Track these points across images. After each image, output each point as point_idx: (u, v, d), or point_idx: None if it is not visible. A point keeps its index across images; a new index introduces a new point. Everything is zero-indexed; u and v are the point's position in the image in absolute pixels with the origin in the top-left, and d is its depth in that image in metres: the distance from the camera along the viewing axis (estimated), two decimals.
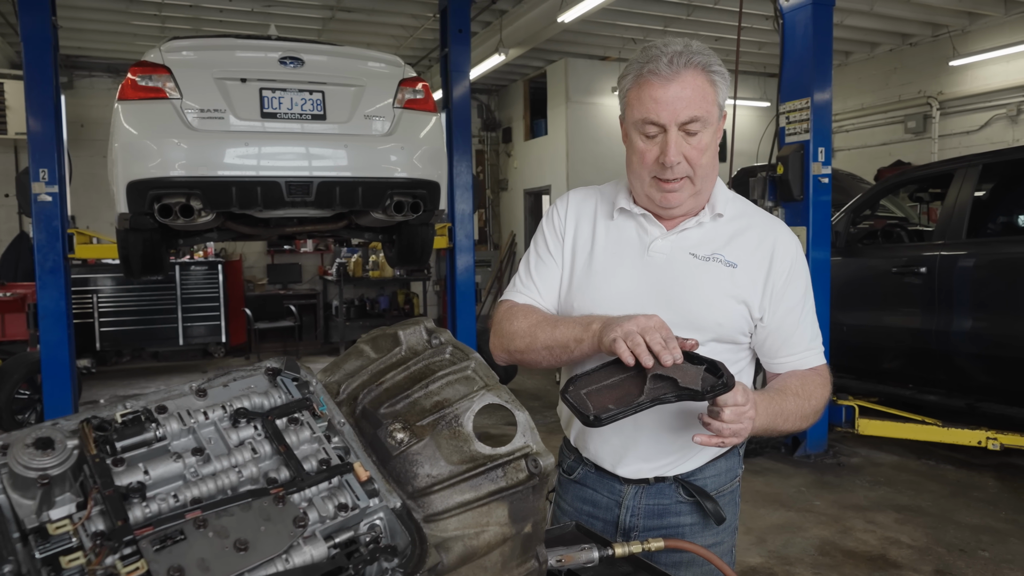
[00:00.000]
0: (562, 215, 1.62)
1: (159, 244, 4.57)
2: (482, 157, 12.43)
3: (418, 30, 8.93)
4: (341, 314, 10.27)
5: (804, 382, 1.49)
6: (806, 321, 1.53)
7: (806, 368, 1.53)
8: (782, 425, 1.42)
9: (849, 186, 7.02)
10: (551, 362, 1.49)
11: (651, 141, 1.42)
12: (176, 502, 0.82)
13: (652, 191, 1.46)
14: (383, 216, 4.43)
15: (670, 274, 1.49)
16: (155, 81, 3.95)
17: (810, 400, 1.47)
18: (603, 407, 1.22)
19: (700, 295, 1.47)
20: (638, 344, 1.23)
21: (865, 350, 5.55)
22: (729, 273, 1.47)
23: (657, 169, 1.42)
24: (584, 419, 1.22)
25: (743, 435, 1.28)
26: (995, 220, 5.46)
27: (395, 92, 4.37)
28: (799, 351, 1.53)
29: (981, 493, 4.52)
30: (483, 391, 1.06)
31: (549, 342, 1.43)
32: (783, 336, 1.51)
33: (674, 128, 1.38)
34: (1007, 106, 9.00)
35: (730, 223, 1.52)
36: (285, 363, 1.03)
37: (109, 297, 9.51)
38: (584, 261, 1.55)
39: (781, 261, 1.49)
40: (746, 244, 1.50)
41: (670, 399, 1.22)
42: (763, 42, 9.54)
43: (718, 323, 1.47)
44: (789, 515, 4.24)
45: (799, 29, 5.22)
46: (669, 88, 1.37)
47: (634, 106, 1.42)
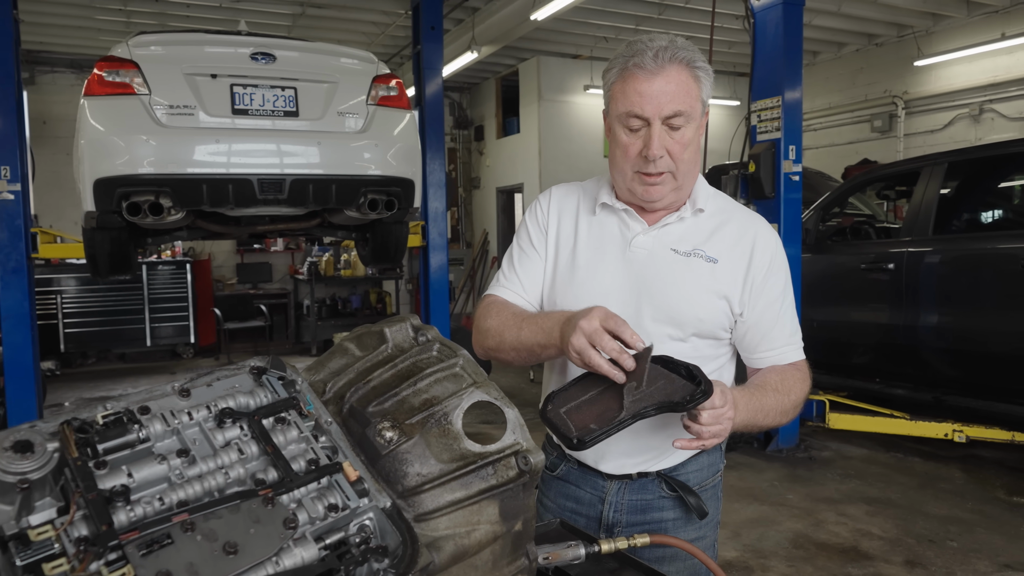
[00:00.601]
0: (545, 209, 1.61)
1: (127, 243, 4.47)
2: (454, 155, 12.39)
3: (389, 27, 8.86)
4: (313, 313, 10.18)
5: (784, 377, 1.50)
6: (786, 316, 1.55)
7: (786, 363, 1.54)
8: (762, 421, 1.42)
9: (818, 184, 7.13)
10: (522, 361, 1.49)
11: (634, 135, 1.42)
12: (162, 505, 0.79)
13: (634, 185, 1.46)
14: (357, 214, 4.39)
15: (652, 270, 1.49)
16: (122, 76, 3.87)
17: (790, 395, 1.48)
18: (585, 428, 1.23)
19: (681, 291, 1.47)
20: (599, 365, 1.23)
21: (835, 345, 5.63)
22: (710, 269, 1.48)
23: (640, 163, 1.42)
24: (568, 443, 1.24)
25: (723, 436, 1.29)
26: (960, 217, 5.58)
27: (368, 89, 4.33)
28: (778, 346, 1.54)
29: (948, 484, 4.62)
30: (472, 388, 1.05)
31: (515, 343, 1.44)
32: (762, 331, 1.52)
33: (657, 122, 1.38)
34: (970, 106, 9.21)
35: (711, 218, 1.53)
36: (270, 362, 1.01)
37: (73, 298, 9.31)
38: (567, 257, 1.55)
39: (761, 256, 1.50)
40: (726, 239, 1.50)
41: (651, 413, 1.23)
42: (733, 41, 9.62)
43: (699, 319, 1.47)
44: (763, 509, 4.29)
45: (770, 28, 5.28)
46: (654, 82, 1.37)
47: (618, 99, 1.42)
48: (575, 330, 1.25)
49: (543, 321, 1.39)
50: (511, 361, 1.48)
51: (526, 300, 1.55)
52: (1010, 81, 8.73)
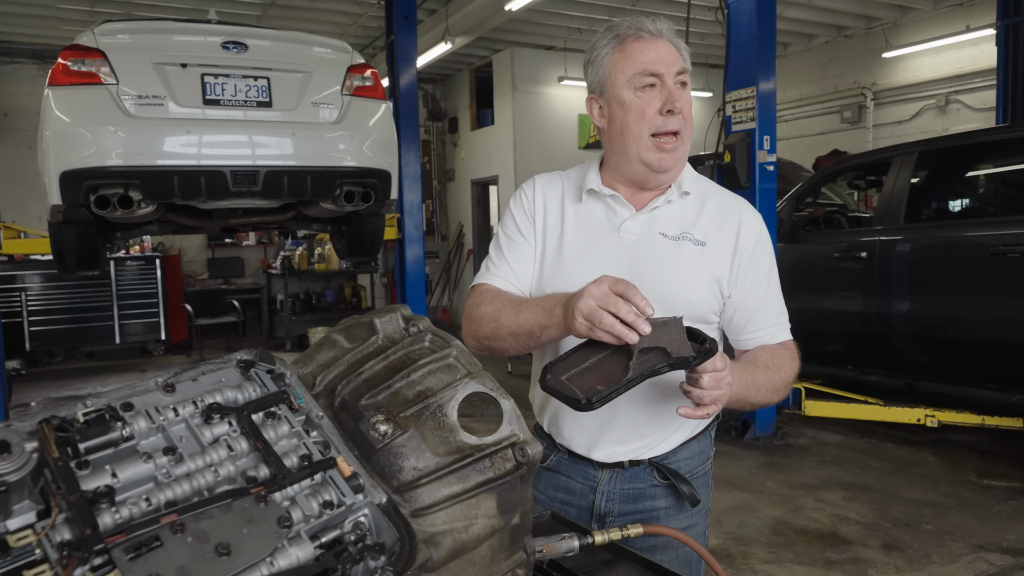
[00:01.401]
0: (530, 197, 1.59)
1: (95, 237, 4.36)
2: (428, 147, 12.30)
3: (362, 17, 8.75)
4: (286, 308, 10.06)
5: (773, 355, 1.49)
6: (772, 296, 1.54)
7: (774, 343, 1.54)
8: (754, 396, 1.41)
9: (790, 174, 7.19)
10: (518, 348, 1.45)
11: (649, 94, 1.42)
12: (149, 506, 0.76)
13: (648, 154, 1.43)
14: (333, 206, 4.33)
15: (641, 255, 1.48)
16: (88, 65, 3.76)
17: (780, 372, 1.47)
18: (591, 389, 1.17)
19: (672, 275, 1.46)
20: (612, 325, 1.18)
21: (809, 333, 5.67)
22: (699, 252, 1.48)
23: (659, 121, 1.41)
24: (575, 404, 1.16)
25: (722, 402, 1.26)
26: (930, 206, 5.66)
27: (343, 79, 4.26)
28: (766, 326, 1.53)
29: (922, 469, 4.69)
30: (467, 379, 1.02)
31: (514, 328, 1.40)
32: (749, 311, 1.51)
33: (671, 78, 1.41)
34: (936, 96, 9.36)
35: (696, 201, 1.52)
36: (258, 355, 0.98)
37: (39, 295, 9.09)
38: (555, 245, 1.53)
39: (746, 236, 1.50)
40: (713, 222, 1.50)
41: (663, 370, 1.17)
42: (706, 33, 9.66)
43: (691, 302, 1.46)
44: (742, 496, 4.32)
45: (744, 20, 5.30)
46: (658, 44, 1.42)
47: (623, 65, 1.43)
48: (582, 295, 1.21)
49: (544, 301, 1.37)
50: (506, 349, 1.45)
51: (517, 288, 1.53)
52: (975, 72, 8.88)
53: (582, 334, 1.24)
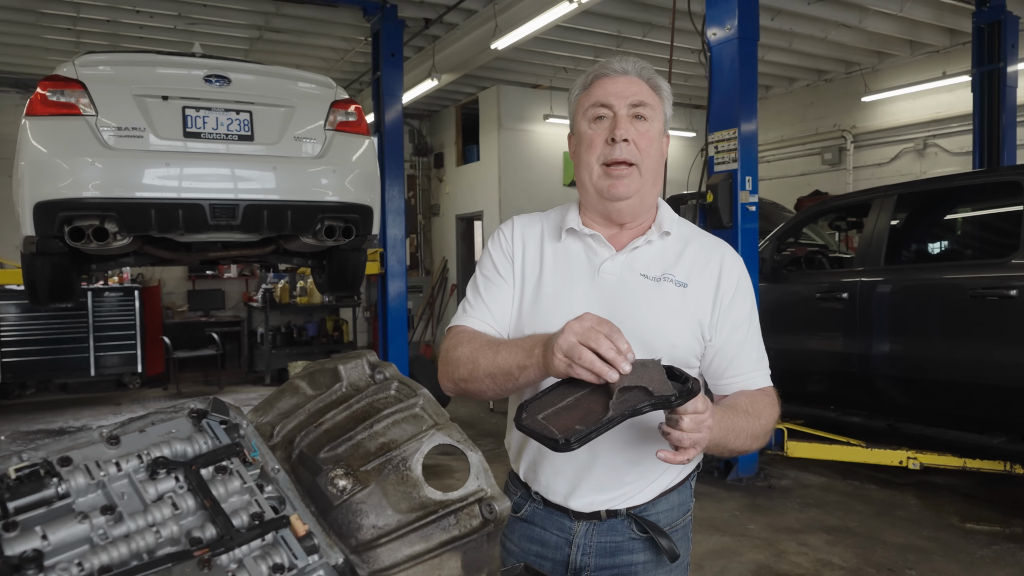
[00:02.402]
0: (508, 237, 1.57)
1: (69, 269, 4.29)
2: (414, 182, 12.33)
3: (349, 53, 8.81)
4: (267, 342, 9.93)
5: (753, 401, 1.45)
6: (752, 340, 1.52)
7: (754, 389, 1.51)
8: (733, 442, 1.37)
9: (772, 214, 7.25)
10: (496, 391, 1.41)
11: (599, 125, 1.44)
12: (80, 571, 0.70)
13: (600, 182, 1.44)
14: (313, 241, 4.29)
15: (622, 296, 1.45)
16: (68, 96, 3.73)
17: (759, 419, 1.43)
18: (569, 429, 1.12)
19: (653, 317, 1.43)
20: (592, 362, 1.13)
21: (791, 373, 5.66)
22: (680, 293, 1.45)
23: (606, 151, 1.42)
24: (552, 444, 1.11)
25: (702, 445, 1.22)
26: (910, 248, 5.71)
27: (327, 114, 4.26)
28: (745, 371, 1.50)
29: (904, 512, 4.65)
30: (433, 430, 0.98)
31: (492, 369, 1.35)
32: (729, 355, 1.48)
33: (623, 109, 1.42)
34: (914, 140, 9.52)
35: (677, 242, 1.51)
36: (211, 404, 0.93)
37: (12, 325, 8.93)
38: (533, 285, 1.50)
39: (728, 279, 1.48)
40: (695, 263, 1.48)
41: (645, 409, 1.13)
42: (689, 75, 9.82)
43: (672, 345, 1.43)
44: (724, 540, 4.25)
45: (726, 63, 5.37)
46: (619, 80, 1.44)
47: (583, 100, 1.47)
48: (563, 332, 1.18)
49: (523, 341, 1.33)
50: (484, 391, 1.40)
51: (495, 329, 1.49)
52: (952, 117, 9.05)
53: (561, 372, 1.19)
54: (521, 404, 1.22)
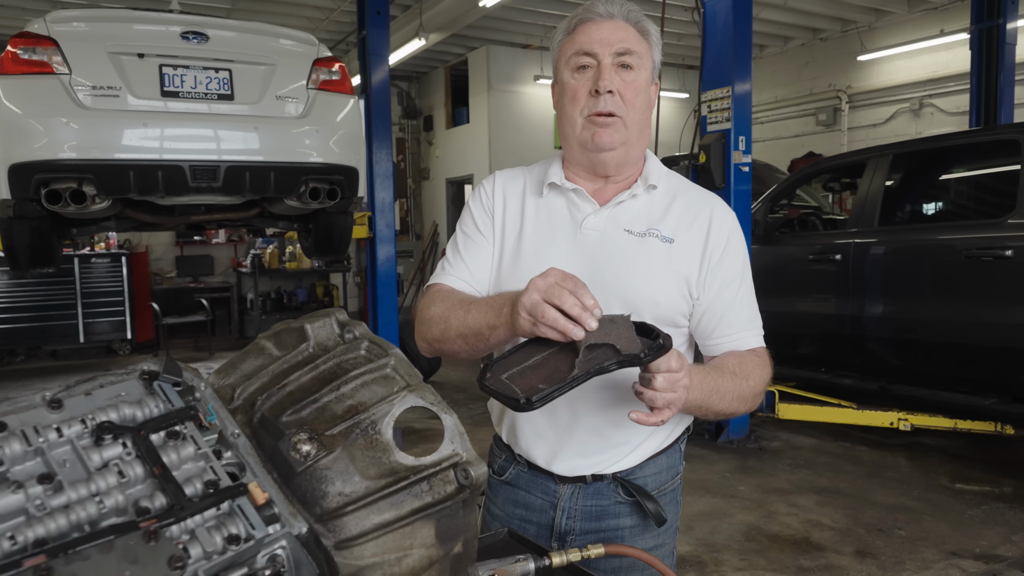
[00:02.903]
0: (489, 193, 1.50)
1: (48, 233, 4.18)
2: (403, 145, 12.16)
3: (334, 12, 8.60)
4: (256, 307, 9.86)
5: (742, 361, 1.39)
6: (743, 299, 1.45)
7: (744, 349, 1.45)
8: (717, 404, 1.30)
9: (766, 176, 7.17)
10: (468, 351, 1.35)
11: (583, 74, 1.36)
12: (13, 545, 0.65)
13: (584, 133, 1.37)
14: (298, 203, 4.20)
15: (604, 252, 1.39)
16: (40, 54, 3.60)
17: (747, 380, 1.36)
18: (532, 388, 1.07)
19: (637, 273, 1.37)
20: (555, 319, 1.07)
21: (783, 336, 5.63)
22: (666, 249, 1.39)
23: (590, 103, 1.35)
24: (514, 404, 1.05)
25: (677, 405, 1.16)
26: (904, 209, 5.65)
27: (309, 72, 4.14)
28: (735, 331, 1.43)
29: (894, 473, 4.67)
30: (404, 392, 0.92)
31: (462, 329, 1.29)
32: (718, 313, 1.42)
33: (608, 58, 1.34)
34: (910, 100, 9.41)
35: (665, 196, 1.44)
36: (164, 365, 0.86)
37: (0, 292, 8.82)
38: (513, 242, 1.44)
39: (717, 233, 1.41)
40: (682, 218, 1.41)
41: (611, 367, 1.06)
42: (682, 33, 9.65)
43: (656, 302, 1.37)
44: (715, 502, 4.26)
45: (720, 19, 5.24)
46: (604, 25, 1.35)
47: (567, 48, 1.38)
48: (527, 289, 1.11)
49: (494, 299, 1.27)
50: (457, 352, 1.35)
51: (473, 288, 1.43)
52: (948, 77, 8.94)
53: (526, 331, 1.13)
54: (486, 364, 1.16)
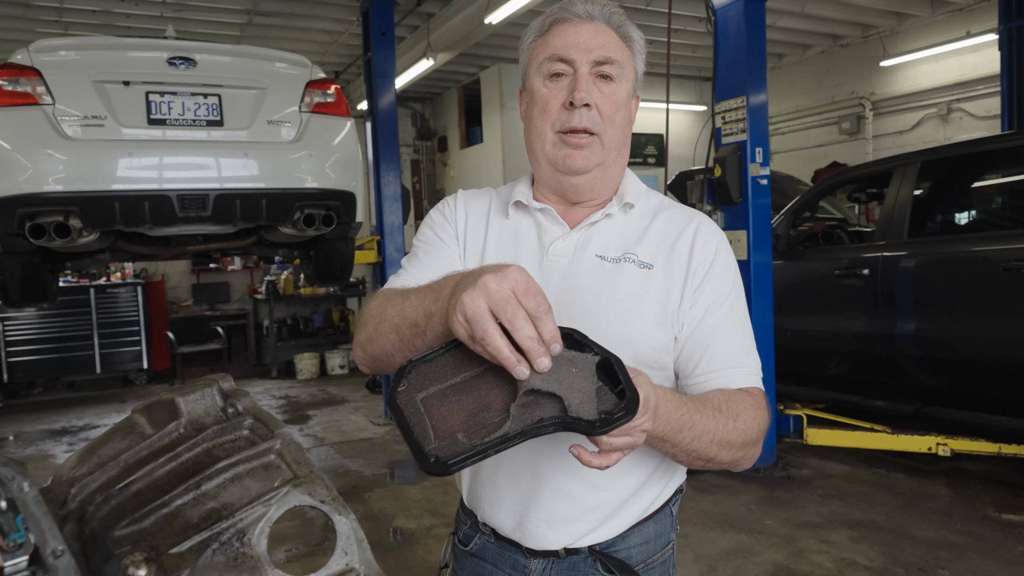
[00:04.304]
0: (453, 207, 1.33)
1: (40, 268, 4.07)
2: (418, 167, 12.06)
3: (342, 35, 8.53)
4: (271, 334, 9.75)
5: (730, 399, 1.12)
6: (734, 329, 1.19)
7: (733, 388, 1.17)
8: (690, 443, 1.04)
9: (787, 188, 6.90)
10: (402, 350, 1.03)
11: (556, 84, 1.17)
12: None
13: (555, 152, 1.18)
14: (293, 230, 4.05)
15: (573, 281, 1.19)
16: (23, 85, 3.50)
17: (735, 421, 1.09)
18: (449, 435, 0.81)
19: (609, 305, 1.16)
20: (497, 348, 0.80)
21: (810, 356, 5.37)
22: (644, 276, 1.18)
23: (563, 117, 1.16)
24: (422, 461, 0.80)
25: (629, 450, 0.91)
26: (935, 219, 5.36)
27: (302, 95, 4.00)
28: (722, 367, 1.17)
29: (935, 503, 4.34)
30: (287, 488, 0.72)
31: (397, 320, 1.01)
32: (702, 343, 1.17)
33: (585, 67, 1.15)
34: (937, 105, 9.07)
35: (643, 217, 1.24)
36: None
37: (17, 325, 8.82)
38: (473, 265, 1.24)
39: (702, 254, 1.20)
40: (663, 240, 1.21)
41: (547, 430, 0.82)
42: (698, 45, 9.44)
43: (632, 340, 1.15)
44: (740, 538, 3.98)
45: (732, 26, 5.03)
46: (582, 28, 1.16)
47: (539, 52, 1.19)
48: (475, 285, 0.82)
49: (437, 282, 0.99)
50: (390, 353, 1.05)
51: None
52: (977, 79, 8.60)
53: (460, 337, 0.86)
54: (405, 364, 0.88)
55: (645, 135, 10.88)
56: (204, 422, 0.80)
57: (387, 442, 6.24)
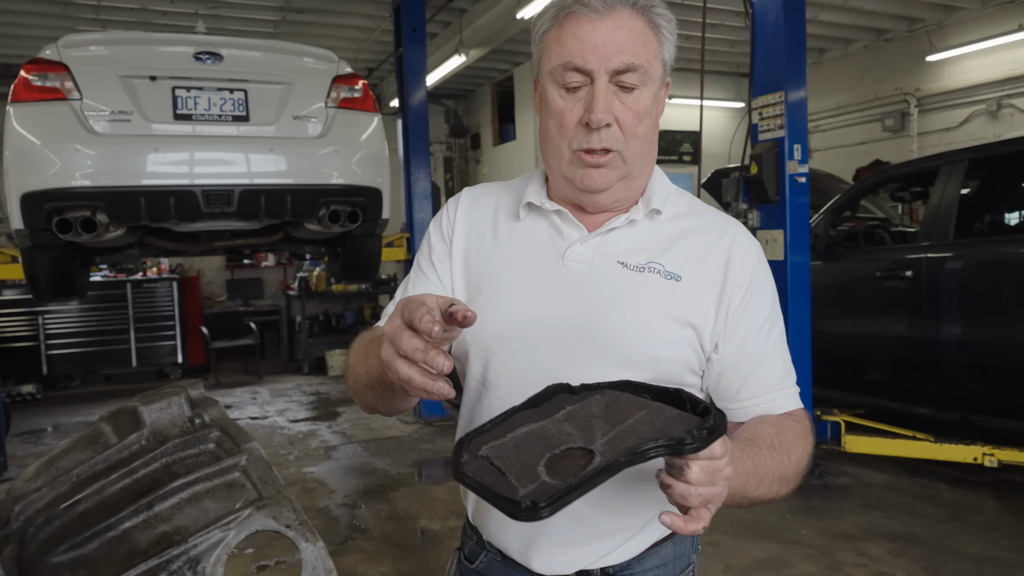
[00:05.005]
0: (451, 216, 1.23)
1: (70, 263, 4.10)
2: (450, 164, 12.03)
3: (375, 32, 8.52)
4: (303, 330, 9.80)
5: (780, 430, 1.08)
6: (775, 351, 1.14)
7: (778, 413, 1.14)
8: (755, 490, 1.01)
9: (827, 187, 6.70)
10: (387, 407, 1.06)
11: (573, 96, 1.05)
12: None
13: (572, 169, 1.08)
14: (318, 227, 4.01)
15: (592, 291, 1.09)
16: (51, 80, 3.52)
17: (789, 455, 1.06)
18: (537, 481, 0.74)
19: (632, 319, 1.07)
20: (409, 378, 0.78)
21: (849, 360, 5.19)
22: (670, 288, 1.08)
23: (580, 135, 1.05)
24: (510, 508, 0.72)
25: (717, 503, 0.85)
26: (983, 219, 5.13)
27: (328, 90, 3.95)
28: (766, 391, 1.13)
29: (980, 516, 4.15)
30: (250, 510, 0.65)
31: (365, 377, 1.00)
32: (743, 371, 1.11)
33: (603, 77, 1.02)
34: (987, 101, 8.74)
35: (671, 223, 1.13)
36: None
37: (56, 319, 8.99)
38: (477, 276, 1.17)
39: (739, 271, 1.10)
40: (693, 249, 1.11)
41: (648, 454, 0.76)
42: (735, 40, 9.23)
43: (656, 357, 1.06)
44: (772, 548, 3.84)
45: (770, 18, 4.87)
46: (600, 25, 1.01)
47: (552, 51, 1.05)
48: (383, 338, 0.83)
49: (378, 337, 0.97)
50: (376, 408, 1.07)
51: None
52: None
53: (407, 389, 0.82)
54: (460, 440, 0.84)
55: (680, 132, 10.68)
56: (168, 433, 0.74)
57: (415, 441, 6.20)
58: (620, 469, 0.75)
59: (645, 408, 0.82)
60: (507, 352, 1.10)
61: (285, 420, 7.04)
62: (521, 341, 1.09)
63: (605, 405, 0.82)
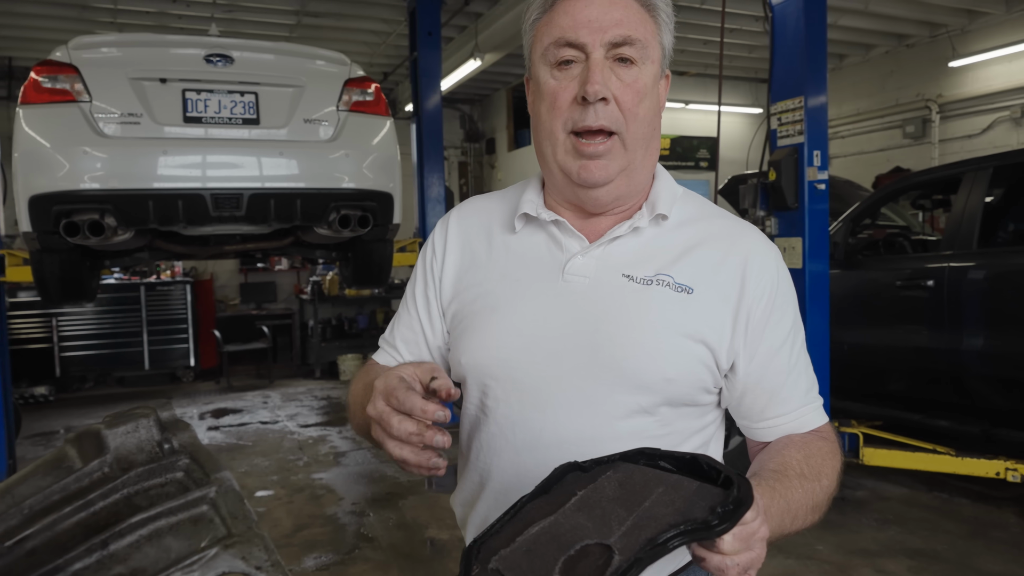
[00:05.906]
0: (437, 247, 1.16)
1: (79, 266, 4.08)
2: (465, 169, 12.00)
3: (390, 36, 8.50)
4: (316, 335, 9.78)
5: (808, 454, 1.02)
6: (798, 365, 1.07)
7: (805, 431, 1.06)
8: (790, 526, 0.96)
9: (847, 194, 6.58)
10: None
11: (566, 73, 0.98)
12: None
13: (568, 159, 1.00)
14: (328, 232, 3.96)
15: (596, 307, 1.02)
16: (61, 82, 3.50)
17: (820, 480, 1.01)
18: None
19: (640, 337, 0.99)
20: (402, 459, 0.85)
21: (868, 371, 5.08)
22: (681, 301, 1.01)
23: (575, 114, 0.97)
24: None
25: (757, 565, 0.79)
26: (1007, 228, 5.01)
27: (340, 93, 3.91)
28: (792, 409, 1.06)
29: (1003, 533, 4.03)
30: (216, 549, 0.58)
31: (365, 429, 0.94)
32: (768, 390, 1.04)
33: (599, 50, 0.95)
34: (1011, 108, 8.58)
35: (680, 229, 1.06)
36: None
37: (70, 321, 9.04)
38: (472, 297, 1.11)
39: (758, 281, 1.02)
40: (705, 258, 1.03)
41: (671, 543, 0.70)
42: (754, 45, 9.13)
43: (667, 378, 0.99)
44: (788, 564, 3.74)
45: (790, 22, 4.78)
46: (593, 2, 0.95)
47: (543, 33, 0.99)
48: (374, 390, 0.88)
49: None
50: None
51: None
52: None
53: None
54: (472, 543, 0.76)
55: (697, 138, 10.58)
56: (134, 459, 0.68)
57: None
58: (642, 568, 0.69)
59: (663, 484, 0.76)
60: (505, 376, 1.04)
61: (295, 425, 7.01)
62: (520, 364, 1.02)
63: (619, 484, 0.76)
